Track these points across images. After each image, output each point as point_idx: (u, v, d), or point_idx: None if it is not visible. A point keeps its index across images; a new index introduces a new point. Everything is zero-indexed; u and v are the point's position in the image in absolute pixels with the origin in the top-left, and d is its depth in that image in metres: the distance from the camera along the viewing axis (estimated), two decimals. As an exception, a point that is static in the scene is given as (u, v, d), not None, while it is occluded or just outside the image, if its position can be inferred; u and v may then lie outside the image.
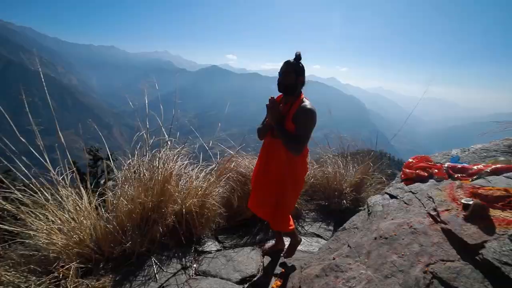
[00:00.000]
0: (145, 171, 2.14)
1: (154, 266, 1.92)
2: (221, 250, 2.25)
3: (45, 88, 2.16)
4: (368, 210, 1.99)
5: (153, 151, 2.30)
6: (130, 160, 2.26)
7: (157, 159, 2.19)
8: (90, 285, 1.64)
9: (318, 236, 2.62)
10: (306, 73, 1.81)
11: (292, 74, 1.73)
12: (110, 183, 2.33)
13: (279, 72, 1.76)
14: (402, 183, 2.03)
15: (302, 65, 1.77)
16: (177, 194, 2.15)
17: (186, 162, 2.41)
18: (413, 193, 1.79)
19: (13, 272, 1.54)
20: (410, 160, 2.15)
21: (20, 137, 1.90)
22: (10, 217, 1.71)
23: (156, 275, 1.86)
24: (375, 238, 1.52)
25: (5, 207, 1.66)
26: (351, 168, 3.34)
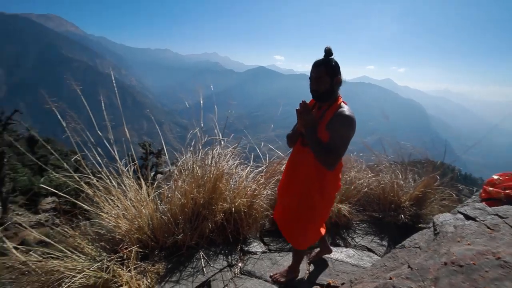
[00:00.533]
0: (198, 168, 2.23)
1: (202, 260, 2.00)
2: (266, 252, 2.23)
3: (116, 90, 2.44)
4: (435, 230, 1.74)
5: (206, 149, 2.38)
6: (185, 156, 2.38)
7: (210, 157, 2.27)
8: (146, 269, 1.79)
9: (370, 250, 2.41)
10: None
11: (326, 77, 1.45)
12: (159, 176, 2.50)
13: (309, 77, 1.50)
14: (483, 203, 1.72)
15: (335, 62, 1.47)
16: (227, 192, 2.20)
17: (236, 162, 2.44)
18: (500, 217, 1.49)
19: (90, 246, 1.77)
20: (495, 177, 1.81)
21: (98, 132, 2.17)
22: (88, 199, 1.96)
23: (204, 269, 1.93)
24: (445, 264, 1.31)
25: (87, 190, 1.94)
26: (411, 179, 2.99)
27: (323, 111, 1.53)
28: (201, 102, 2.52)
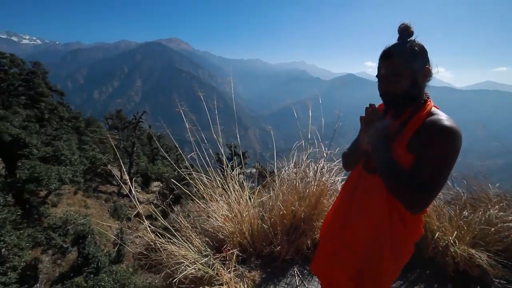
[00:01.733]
0: (299, 180, 2.13)
1: (297, 278, 1.87)
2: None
3: (215, 97, 2.71)
4: None
5: (309, 161, 2.26)
6: (287, 167, 2.31)
7: (312, 169, 2.15)
8: (244, 274, 1.78)
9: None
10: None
11: (404, 72, 0.92)
12: (241, 176, 2.54)
13: (377, 75, 1.00)
14: None
15: (418, 45, 0.93)
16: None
17: (340, 179, 2.22)
18: None
19: (198, 239, 1.90)
20: None
21: (213, 133, 2.49)
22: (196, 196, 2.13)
23: (298, 288, 1.79)
24: None
25: (197, 187, 2.10)
26: None
27: (403, 121, 0.97)
28: (310, 112, 2.39)
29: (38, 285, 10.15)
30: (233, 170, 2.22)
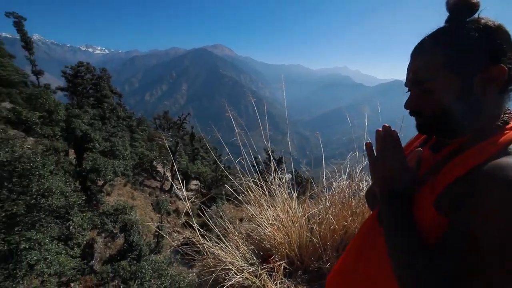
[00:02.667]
0: (352, 194, 1.95)
1: None
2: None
3: (252, 99, 2.75)
4: None
5: (363, 173, 2.08)
6: (338, 178, 2.13)
7: (367, 184, 1.98)
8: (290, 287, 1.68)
9: None
10: None
11: (439, 77, 0.56)
12: (277, 181, 2.50)
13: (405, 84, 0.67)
14: None
15: (480, 29, 0.53)
16: None
17: None
18: None
19: (244, 246, 1.83)
20: None
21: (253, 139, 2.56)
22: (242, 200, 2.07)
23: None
24: None
25: (244, 191, 2.04)
26: None
27: (442, 159, 0.60)
28: (366, 123, 2.15)
29: (93, 261, 11.52)
30: (273, 176, 2.13)
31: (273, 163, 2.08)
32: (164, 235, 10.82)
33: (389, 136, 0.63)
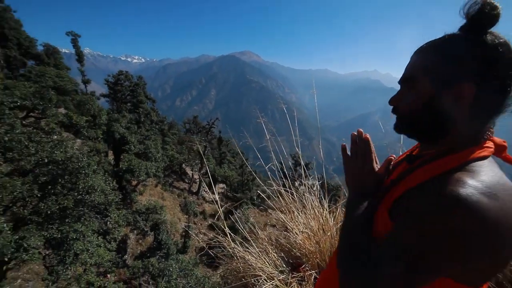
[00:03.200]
0: None
1: None
2: None
3: (283, 106, 2.79)
4: None
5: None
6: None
7: None
8: None
9: None
10: None
11: (421, 83, 0.57)
12: (302, 188, 2.47)
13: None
14: None
15: (480, 40, 0.52)
16: None
17: None
18: None
19: (274, 253, 1.77)
20: None
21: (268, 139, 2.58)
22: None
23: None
24: None
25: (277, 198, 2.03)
26: None
27: (410, 169, 0.61)
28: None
29: (126, 256, 12.35)
30: (303, 183, 2.06)
31: (303, 169, 2.03)
32: (193, 235, 11.20)
33: (361, 141, 0.69)
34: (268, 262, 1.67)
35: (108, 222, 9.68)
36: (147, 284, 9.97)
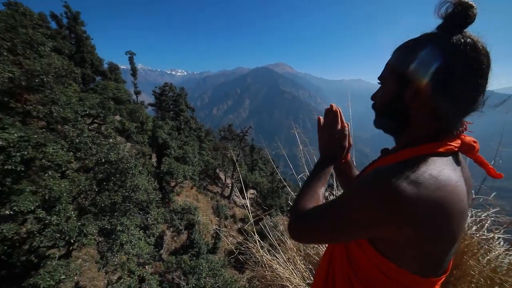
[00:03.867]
0: None
1: None
2: None
3: (315, 114, 2.99)
4: None
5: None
6: None
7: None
8: None
9: None
10: None
11: (390, 78, 0.63)
12: (331, 197, 2.62)
13: None
14: None
15: (440, 46, 0.53)
16: (476, 274, 1.35)
17: (499, 236, 1.49)
18: None
19: (302, 264, 1.73)
20: None
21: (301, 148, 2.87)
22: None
23: None
24: None
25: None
26: None
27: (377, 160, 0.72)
28: None
29: (162, 251, 13.35)
30: (329, 192, 2.04)
31: (334, 180, 1.95)
32: (222, 237, 11.64)
33: (332, 113, 0.81)
34: (295, 273, 1.60)
35: (149, 219, 10.68)
36: (179, 279, 10.64)
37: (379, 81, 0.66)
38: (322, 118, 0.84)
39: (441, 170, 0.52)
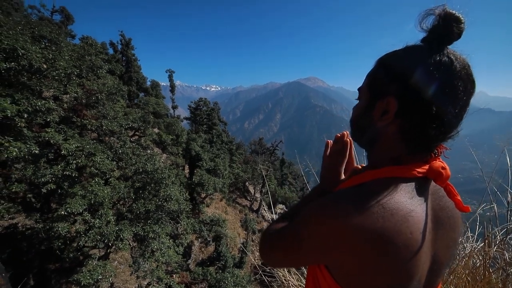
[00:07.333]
0: (488, 265, 1.32)
1: None
2: None
3: (348, 128, 2.96)
4: None
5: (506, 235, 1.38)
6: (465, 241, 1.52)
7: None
8: None
9: None
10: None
11: (366, 93, 0.57)
12: None
13: None
14: None
15: (417, 58, 0.49)
16: None
17: None
18: None
19: None
20: None
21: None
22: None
23: None
24: None
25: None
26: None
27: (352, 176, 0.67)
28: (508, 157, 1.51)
29: (189, 261, 13.62)
30: None
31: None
32: (248, 253, 11.49)
33: (341, 142, 0.74)
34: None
35: (179, 228, 11.09)
36: (204, 292, 10.68)
37: (358, 93, 0.61)
38: (331, 143, 0.78)
39: (391, 197, 0.47)
